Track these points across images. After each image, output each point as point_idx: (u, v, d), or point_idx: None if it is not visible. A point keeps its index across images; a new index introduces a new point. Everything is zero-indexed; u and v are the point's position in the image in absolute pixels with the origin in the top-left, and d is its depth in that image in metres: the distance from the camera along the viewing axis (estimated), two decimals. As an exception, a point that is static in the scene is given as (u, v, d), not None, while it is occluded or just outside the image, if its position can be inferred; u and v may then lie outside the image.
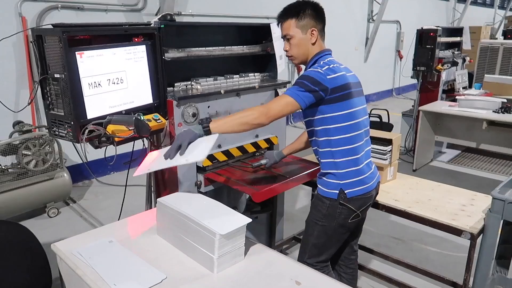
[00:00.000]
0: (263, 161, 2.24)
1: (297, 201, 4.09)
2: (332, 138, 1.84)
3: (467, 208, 2.23)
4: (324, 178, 1.93)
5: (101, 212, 3.83)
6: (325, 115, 1.81)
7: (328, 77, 1.76)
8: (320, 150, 1.90)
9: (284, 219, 3.03)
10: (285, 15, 1.91)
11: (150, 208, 2.31)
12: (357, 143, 1.86)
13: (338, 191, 1.86)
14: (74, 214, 3.81)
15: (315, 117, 1.85)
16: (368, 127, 1.97)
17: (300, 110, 1.80)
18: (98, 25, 1.83)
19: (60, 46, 1.59)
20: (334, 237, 1.98)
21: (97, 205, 4.00)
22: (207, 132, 1.67)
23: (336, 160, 1.86)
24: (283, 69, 2.73)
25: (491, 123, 4.38)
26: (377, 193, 2.07)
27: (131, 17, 4.76)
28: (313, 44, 1.90)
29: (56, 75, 1.67)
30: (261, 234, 2.88)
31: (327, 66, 1.80)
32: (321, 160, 1.92)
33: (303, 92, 1.74)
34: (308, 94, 1.74)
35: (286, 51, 1.96)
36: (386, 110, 5.15)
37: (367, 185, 1.91)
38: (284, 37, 1.94)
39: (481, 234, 2.05)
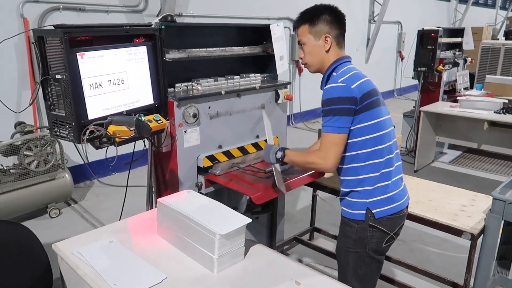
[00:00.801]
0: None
1: (298, 202, 4.09)
2: (359, 152, 1.67)
3: (467, 209, 2.23)
4: (347, 198, 1.76)
5: (102, 213, 3.84)
6: (353, 127, 1.64)
7: (352, 86, 1.61)
8: (346, 167, 1.72)
9: (284, 219, 3.04)
10: (300, 20, 1.79)
11: (151, 208, 2.31)
12: (386, 156, 1.69)
13: (364, 211, 1.68)
14: (76, 215, 3.82)
15: None
16: (396, 139, 1.78)
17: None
18: (99, 26, 1.83)
19: (62, 47, 1.60)
20: (373, 264, 1.77)
21: (98, 206, 4.01)
22: (280, 160, 1.85)
23: (361, 176, 1.68)
24: (286, 70, 2.74)
25: (492, 123, 4.37)
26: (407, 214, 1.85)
27: (132, 18, 4.78)
28: (327, 51, 1.75)
29: (58, 76, 1.67)
30: (261, 235, 2.89)
31: (346, 76, 1.65)
32: (345, 178, 1.75)
33: (338, 119, 1.60)
34: (344, 118, 1.60)
35: (301, 58, 1.84)
36: (387, 110, 5.14)
37: (399, 203, 1.72)
38: (298, 43, 1.83)
39: (482, 235, 2.05)
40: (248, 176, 2.23)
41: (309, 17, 1.76)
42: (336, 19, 1.76)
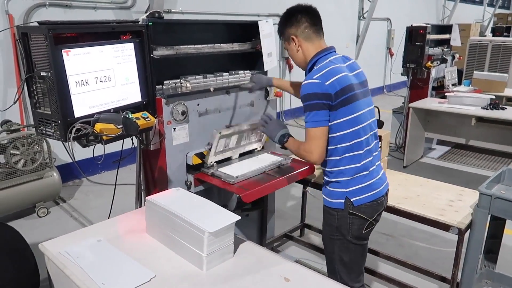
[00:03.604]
0: (249, 84, 2.21)
1: (288, 198, 4.10)
2: (338, 146, 1.74)
3: (455, 204, 2.26)
4: (328, 187, 1.83)
5: (91, 211, 3.81)
6: (331, 124, 1.71)
7: (326, 83, 1.67)
8: (328, 159, 1.79)
9: (275, 216, 3.04)
10: (278, 34, 1.96)
11: (140, 206, 2.30)
12: (364, 148, 1.76)
13: (343, 200, 1.76)
14: (64, 214, 3.78)
15: None
16: (376, 130, 1.87)
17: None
18: (85, 23, 1.80)
19: (46, 44, 1.57)
20: (357, 250, 1.84)
21: (87, 204, 3.97)
22: (282, 144, 1.92)
23: (341, 168, 1.75)
24: (274, 66, 2.73)
25: (480, 119, 4.43)
26: (386, 201, 1.94)
27: (120, 15, 4.72)
28: (298, 50, 1.85)
29: (42, 73, 1.64)
30: (252, 232, 2.89)
31: (321, 72, 1.70)
32: (326, 169, 1.82)
33: (316, 114, 1.67)
34: (321, 112, 1.67)
35: None
36: (376, 107, 5.14)
37: (376, 191, 1.79)
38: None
39: (469, 229, 2.07)
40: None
41: (279, 29, 1.92)
42: (303, 14, 1.83)
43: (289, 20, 1.84)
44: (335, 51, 1.86)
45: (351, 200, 1.75)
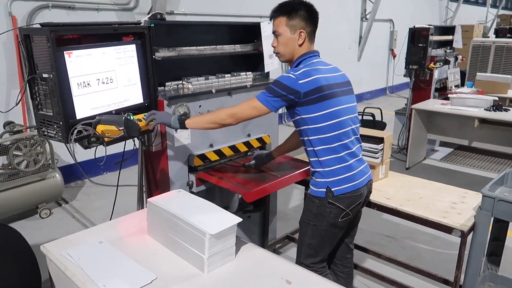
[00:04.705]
0: (251, 162, 2.24)
1: (290, 200, 4.09)
2: (314, 137, 1.84)
3: (457, 206, 2.24)
4: (313, 177, 1.94)
5: (93, 213, 3.81)
6: (303, 116, 1.82)
7: (300, 81, 1.76)
8: (307, 149, 1.91)
9: (277, 218, 3.03)
10: (278, 11, 1.90)
11: (142, 208, 2.30)
12: (341, 141, 1.85)
13: (325, 190, 1.86)
14: (66, 215, 3.79)
15: (295, 118, 1.87)
16: (358, 125, 1.96)
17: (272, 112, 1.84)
18: (87, 24, 1.81)
19: (48, 45, 1.58)
20: (327, 237, 1.97)
21: (89, 206, 3.97)
22: (182, 125, 1.89)
23: (320, 159, 1.86)
24: (276, 68, 2.73)
25: (483, 121, 4.41)
26: (369, 192, 2.06)
27: (123, 16, 4.73)
28: (300, 45, 1.89)
29: (45, 75, 1.65)
30: (254, 233, 2.88)
31: (301, 70, 1.80)
32: (309, 159, 1.93)
33: (271, 97, 1.78)
34: (276, 99, 1.78)
35: (274, 47, 1.96)
36: (379, 108, 5.16)
37: (355, 183, 1.89)
38: (274, 33, 1.94)
39: (472, 232, 2.06)
40: (239, 175, 2.23)
41: (287, 10, 1.87)
42: (312, 16, 1.89)
43: (306, 15, 1.86)
44: (319, 55, 1.95)
45: (332, 190, 1.85)
